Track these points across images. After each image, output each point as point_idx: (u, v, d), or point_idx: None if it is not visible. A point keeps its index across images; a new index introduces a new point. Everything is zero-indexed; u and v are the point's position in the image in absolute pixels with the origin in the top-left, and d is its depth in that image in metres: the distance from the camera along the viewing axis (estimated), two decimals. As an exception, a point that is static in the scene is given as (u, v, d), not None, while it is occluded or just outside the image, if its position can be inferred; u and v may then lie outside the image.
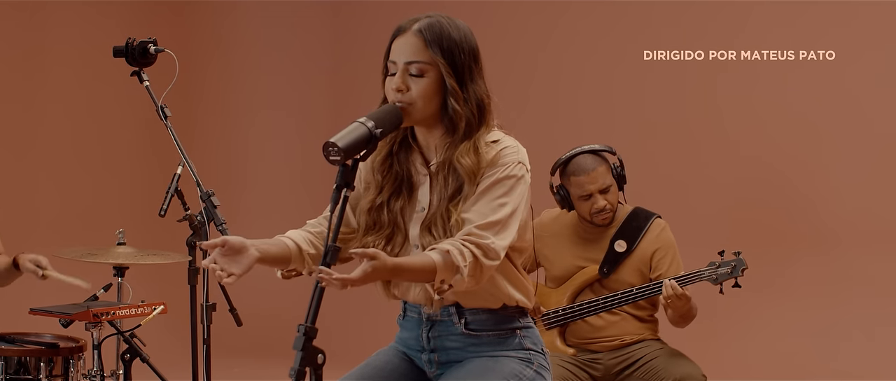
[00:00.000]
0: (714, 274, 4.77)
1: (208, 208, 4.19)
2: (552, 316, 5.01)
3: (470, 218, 3.03)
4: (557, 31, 7.55)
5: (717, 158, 7.05)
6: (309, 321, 2.82)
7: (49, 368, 4.39)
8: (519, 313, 3.25)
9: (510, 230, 3.05)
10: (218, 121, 8.54)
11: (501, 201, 3.05)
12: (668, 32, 7.16)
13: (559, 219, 5.11)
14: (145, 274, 5.36)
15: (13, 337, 4.52)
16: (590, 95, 7.44)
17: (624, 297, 4.88)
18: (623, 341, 4.96)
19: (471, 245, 2.98)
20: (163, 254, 4.96)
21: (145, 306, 4.65)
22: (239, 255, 3.00)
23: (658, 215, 5.01)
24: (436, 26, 3.09)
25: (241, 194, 8.24)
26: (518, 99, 7.47)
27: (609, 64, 7.33)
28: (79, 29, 7.60)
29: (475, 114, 3.10)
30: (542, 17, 7.56)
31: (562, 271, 5.05)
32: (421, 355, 3.30)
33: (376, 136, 2.95)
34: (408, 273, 2.98)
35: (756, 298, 6.53)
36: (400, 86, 3.07)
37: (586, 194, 4.88)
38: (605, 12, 7.37)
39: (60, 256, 4.80)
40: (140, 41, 4.33)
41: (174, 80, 4.25)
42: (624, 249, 4.94)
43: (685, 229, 5.57)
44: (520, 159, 3.10)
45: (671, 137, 7.17)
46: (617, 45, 7.31)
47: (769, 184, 6.91)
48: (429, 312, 3.23)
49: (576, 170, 4.90)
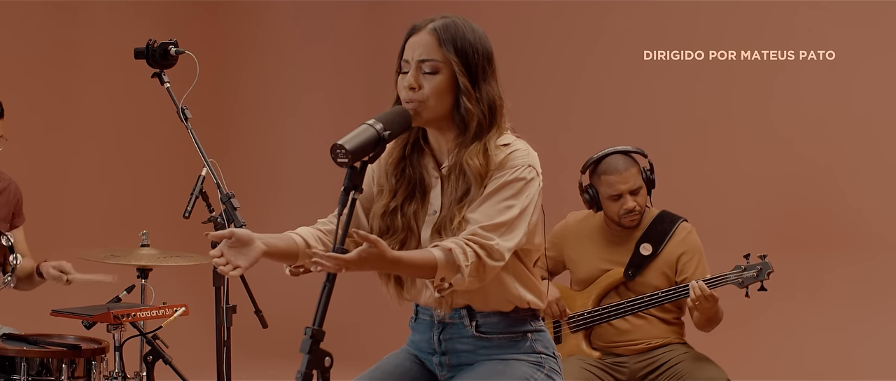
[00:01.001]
0: (740, 278, 4.73)
1: (228, 210, 4.19)
2: (577, 319, 4.99)
3: (475, 218, 3.02)
4: (583, 31, 7.50)
5: (748, 160, 6.98)
6: (316, 323, 2.80)
7: (71, 369, 4.39)
8: (530, 316, 3.23)
9: (517, 232, 3.03)
10: (253, 120, 8.55)
11: (508, 202, 3.03)
12: (694, 33, 7.09)
13: (585, 221, 5.08)
14: (169, 276, 5.37)
15: (35, 338, 4.53)
16: (616, 96, 7.39)
17: (649, 300, 4.85)
18: (649, 344, 4.93)
19: (474, 245, 2.96)
20: (186, 256, 4.97)
21: (166, 308, 4.65)
22: (245, 247, 2.99)
23: (684, 219, 4.98)
24: (450, 26, 3.09)
25: (276, 193, 8.25)
26: (544, 100, 7.44)
27: (636, 66, 7.27)
28: (114, 29, 7.60)
29: (486, 115, 3.09)
30: (571, 17, 7.52)
31: (587, 274, 5.03)
32: (432, 357, 3.29)
33: (385, 138, 2.93)
34: (407, 267, 2.95)
35: (786, 301, 6.48)
36: (412, 83, 3.06)
37: (617, 193, 4.85)
38: (634, 13, 7.31)
39: (84, 257, 4.82)
40: (160, 43, 4.33)
41: (195, 81, 4.24)
42: (649, 252, 4.91)
43: (714, 233, 5.53)
44: (529, 162, 3.08)
45: (699, 138, 7.10)
46: (644, 46, 7.26)
47: (802, 187, 6.84)
48: (440, 315, 3.21)
49: (607, 169, 4.88)
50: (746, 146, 6.97)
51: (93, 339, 4.59)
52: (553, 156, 4.94)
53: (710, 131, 7.05)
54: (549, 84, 7.57)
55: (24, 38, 7.25)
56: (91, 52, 7.61)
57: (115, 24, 7.64)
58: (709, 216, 6.45)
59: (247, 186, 8.22)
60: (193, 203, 4.69)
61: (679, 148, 7.04)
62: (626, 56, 7.26)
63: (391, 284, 3.21)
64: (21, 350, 4.38)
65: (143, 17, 7.80)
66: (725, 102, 7.00)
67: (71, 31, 7.55)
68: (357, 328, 6.80)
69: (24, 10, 7.27)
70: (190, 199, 4.67)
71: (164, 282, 5.32)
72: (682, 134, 7.09)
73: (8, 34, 7.17)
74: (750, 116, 6.96)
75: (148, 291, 4.93)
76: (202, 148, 4.23)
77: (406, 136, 3.19)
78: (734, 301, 4.95)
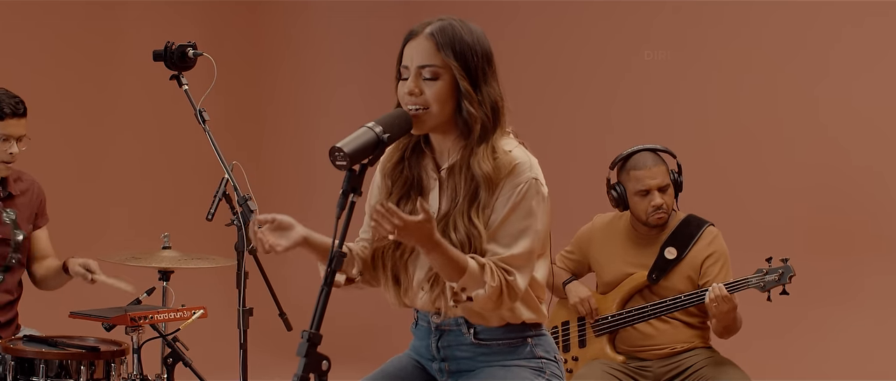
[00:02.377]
0: (761, 281, 4.68)
1: (245, 213, 4.18)
2: (601, 322, 4.97)
3: (493, 249, 3.02)
4: (608, 32, 7.45)
5: (778, 164, 6.89)
6: (313, 327, 2.79)
7: (90, 371, 4.39)
8: (530, 325, 3.21)
9: (530, 268, 3.05)
10: (291, 118, 8.55)
11: (521, 225, 3.02)
12: (721, 35, 7.02)
13: (612, 223, 5.06)
14: (191, 278, 5.36)
15: (55, 340, 4.54)
16: (643, 98, 7.33)
17: (672, 303, 4.81)
18: (673, 349, 4.90)
19: (502, 275, 2.98)
20: (208, 258, 4.96)
21: (185, 311, 4.64)
22: (287, 231, 3.06)
23: (711, 224, 4.93)
24: (447, 29, 3.06)
25: (313, 195, 8.24)
26: (571, 102, 7.40)
27: (664, 67, 7.21)
28: (156, 29, 7.59)
29: (490, 117, 3.06)
30: (594, 17, 7.47)
31: (611, 277, 5.01)
32: (432, 363, 3.28)
33: (384, 141, 2.92)
34: (443, 257, 2.93)
35: (819, 307, 6.40)
36: (412, 89, 3.04)
37: (645, 189, 4.82)
38: (661, 14, 7.25)
39: (105, 259, 4.83)
40: (178, 45, 4.33)
41: (213, 84, 4.23)
42: (674, 256, 4.87)
43: (743, 237, 5.48)
44: (533, 175, 3.05)
45: (728, 141, 7.02)
46: (671, 48, 7.20)
47: (833, 190, 6.75)
48: (437, 321, 3.19)
49: (636, 164, 4.85)
50: (780, 150, 6.89)
51: (113, 341, 4.59)
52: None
53: (746, 135, 6.97)
54: (576, 87, 7.53)
55: (64, 39, 7.26)
56: (128, 54, 7.62)
57: (156, 24, 7.63)
58: (740, 220, 6.39)
59: (285, 184, 8.24)
60: (216, 206, 4.68)
61: (713, 151, 6.97)
62: (656, 57, 7.20)
63: (390, 286, 3.18)
64: (39, 352, 4.38)
65: (183, 16, 7.80)
66: (766, 105, 6.92)
67: (111, 32, 7.56)
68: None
69: (66, 11, 7.27)
70: (213, 201, 4.66)
71: (185, 284, 5.31)
72: (718, 137, 7.02)
73: (49, 34, 7.17)
74: (788, 119, 6.88)
75: (169, 293, 4.93)
76: (220, 151, 4.22)
77: (407, 139, 3.17)
78: (765, 307, 4.88)
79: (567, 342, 5.10)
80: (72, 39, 7.34)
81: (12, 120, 4.58)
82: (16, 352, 4.38)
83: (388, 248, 3.15)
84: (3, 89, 4.65)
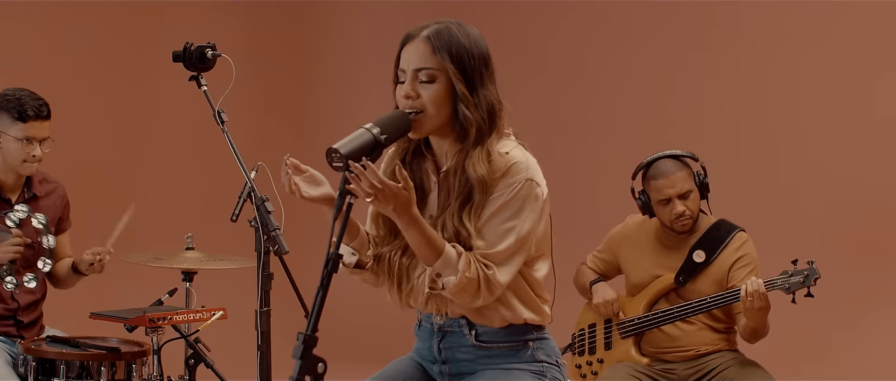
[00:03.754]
0: (786, 283, 4.62)
1: (261, 214, 4.16)
2: (627, 324, 4.94)
3: (477, 245, 3.00)
4: (635, 34, 7.38)
5: (805, 165, 6.78)
6: (309, 329, 2.77)
7: (111, 372, 4.41)
8: (532, 327, 3.18)
9: (514, 263, 3.03)
10: (330, 118, 8.54)
11: (508, 225, 3.00)
12: (748, 36, 6.94)
13: (642, 226, 5.03)
14: (215, 279, 5.36)
15: (77, 341, 4.56)
16: (674, 100, 7.25)
17: (697, 306, 4.77)
18: (698, 351, 4.87)
19: (480, 268, 2.97)
20: (231, 259, 4.96)
21: (205, 312, 4.64)
22: (318, 185, 3.11)
23: (742, 229, 4.90)
24: (444, 32, 3.05)
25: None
26: (604, 102, 7.34)
27: (691, 68, 7.13)
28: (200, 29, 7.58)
29: (486, 120, 3.04)
30: (625, 19, 7.41)
31: (639, 279, 4.99)
32: (433, 366, 3.26)
33: (381, 142, 2.90)
34: (419, 234, 2.94)
35: (846, 308, 6.32)
36: (409, 92, 3.03)
37: (665, 198, 4.80)
38: (691, 15, 7.18)
39: (127, 260, 4.83)
40: (197, 46, 4.32)
41: (231, 85, 4.21)
42: (702, 259, 4.84)
43: (773, 239, 5.41)
44: (529, 176, 3.03)
45: (756, 143, 6.93)
46: (697, 50, 7.13)
47: (862, 192, 6.64)
48: (439, 322, 3.17)
49: (656, 174, 4.83)
50: (807, 152, 6.79)
51: (135, 342, 4.60)
52: (612, 159, 4.88)
53: (773, 136, 6.88)
54: (603, 86, 7.46)
55: (103, 39, 7.24)
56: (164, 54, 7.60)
57: (195, 24, 7.63)
58: (769, 223, 6.30)
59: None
60: (241, 206, 4.67)
61: (741, 154, 6.88)
62: (685, 58, 7.14)
63: (394, 288, 3.17)
64: (60, 353, 4.41)
65: (227, 14, 7.79)
66: (794, 106, 6.82)
67: (149, 32, 7.55)
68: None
69: (109, 12, 7.27)
70: (238, 202, 4.66)
71: (210, 285, 5.31)
72: (746, 139, 6.93)
73: (88, 34, 7.16)
74: (820, 121, 6.78)
75: (191, 294, 4.93)
76: (238, 152, 4.21)
77: (407, 142, 3.15)
78: (793, 308, 4.81)
79: (593, 344, 5.08)
80: (111, 40, 7.33)
81: (35, 122, 4.60)
82: (37, 353, 4.41)
83: (394, 252, 3.14)
84: (27, 91, 4.66)
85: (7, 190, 4.70)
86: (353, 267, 3.17)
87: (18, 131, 4.58)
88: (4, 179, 4.69)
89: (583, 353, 5.13)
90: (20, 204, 4.63)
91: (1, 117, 4.62)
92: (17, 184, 4.72)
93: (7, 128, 4.59)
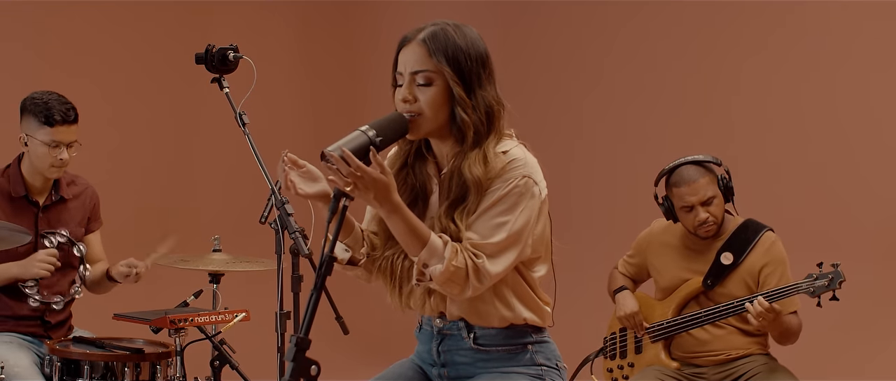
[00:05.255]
0: (811, 287, 4.57)
1: (282, 216, 4.16)
2: (657, 328, 4.90)
3: (468, 236, 2.97)
4: (667, 34, 7.31)
5: (839, 166, 6.67)
6: (302, 332, 2.76)
7: (135, 373, 4.43)
8: (531, 329, 3.14)
9: (506, 257, 2.98)
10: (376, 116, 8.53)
11: (501, 219, 2.97)
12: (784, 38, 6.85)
13: (669, 229, 5.00)
14: (242, 281, 5.37)
15: (103, 342, 4.59)
16: (703, 99, 7.18)
17: (725, 309, 4.73)
18: (728, 355, 4.83)
19: (468, 256, 2.93)
20: (257, 261, 4.96)
21: (227, 313, 4.65)
22: (314, 181, 3.06)
23: (770, 229, 4.84)
24: (440, 34, 3.03)
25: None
26: (643, 105, 7.28)
27: (721, 70, 7.05)
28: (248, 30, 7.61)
29: (483, 122, 3.03)
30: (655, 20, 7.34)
31: (668, 283, 4.96)
32: (433, 369, 3.25)
33: (376, 144, 2.88)
34: (405, 222, 2.91)
35: (883, 311, 6.21)
36: (406, 96, 3.02)
37: (688, 205, 4.76)
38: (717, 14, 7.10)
39: (155, 262, 4.85)
40: (219, 48, 4.33)
41: (252, 87, 4.22)
42: (730, 261, 4.79)
43: (803, 241, 5.34)
44: (526, 173, 3.00)
45: (788, 141, 6.83)
46: (727, 51, 7.04)
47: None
48: (438, 325, 3.15)
49: (678, 181, 4.80)
50: (841, 152, 6.68)
51: (160, 343, 4.63)
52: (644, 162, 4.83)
53: (811, 134, 6.78)
54: (633, 89, 7.40)
55: (151, 40, 7.25)
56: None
57: (251, 24, 7.65)
58: (800, 224, 6.21)
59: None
60: (270, 209, 4.68)
61: (777, 152, 6.79)
62: (721, 61, 7.06)
63: (394, 291, 3.15)
64: (85, 353, 4.45)
65: (279, 14, 7.80)
66: (825, 104, 6.72)
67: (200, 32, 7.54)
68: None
69: (161, 12, 7.29)
70: (266, 204, 4.67)
71: (236, 287, 5.32)
72: (781, 137, 6.84)
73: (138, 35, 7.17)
74: (851, 119, 6.67)
75: (218, 296, 4.94)
76: (259, 153, 4.22)
77: (409, 144, 3.14)
78: (829, 312, 4.75)
79: (624, 348, 5.05)
80: (160, 40, 7.33)
81: (62, 127, 4.63)
82: (62, 353, 4.44)
83: (397, 256, 3.12)
84: (55, 95, 4.69)
85: (35, 193, 4.75)
86: (346, 263, 3.15)
87: (45, 135, 4.62)
88: (32, 181, 4.73)
89: (614, 357, 5.10)
90: (62, 230, 4.71)
91: (28, 121, 4.65)
92: (44, 186, 4.76)
93: (34, 132, 4.63)
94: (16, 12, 6.59)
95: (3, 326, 4.71)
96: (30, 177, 4.73)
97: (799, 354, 4.96)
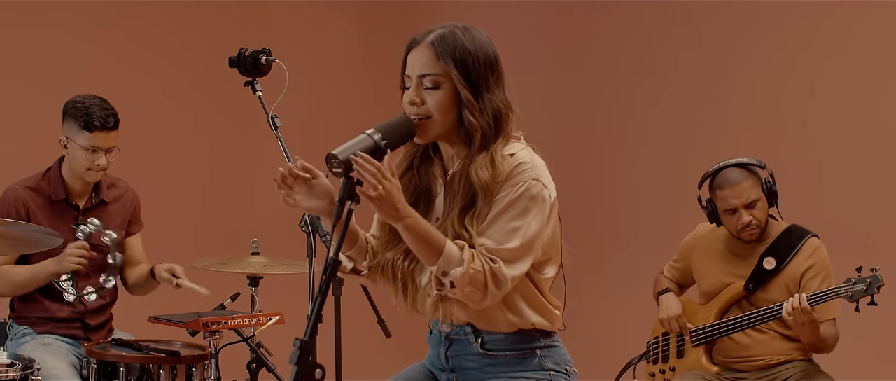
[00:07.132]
0: (849, 291, 4.51)
1: (313, 219, 4.17)
2: (698, 333, 4.87)
3: (483, 242, 2.95)
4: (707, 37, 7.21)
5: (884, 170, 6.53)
6: (306, 335, 2.76)
7: (171, 375, 4.45)
8: (539, 333, 3.11)
9: (523, 262, 2.96)
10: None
11: (515, 224, 2.95)
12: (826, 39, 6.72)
13: (713, 233, 4.97)
14: (280, 284, 5.37)
15: (140, 344, 4.62)
16: (747, 102, 7.06)
17: (766, 313, 4.69)
18: (770, 361, 4.80)
19: (487, 262, 2.91)
20: (297, 264, 4.96)
21: (261, 316, 4.65)
22: (316, 197, 3.00)
23: (814, 234, 4.78)
24: (448, 37, 3.02)
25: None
26: (689, 107, 7.19)
27: (763, 72, 6.94)
28: (305, 29, 7.59)
29: (491, 125, 3.01)
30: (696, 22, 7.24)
31: (710, 287, 4.93)
32: (442, 374, 3.23)
33: (382, 148, 2.88)
34: (416, 230, 2.89)
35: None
36: (414, 99, 3.01)
37: (731, 208, 4.73)
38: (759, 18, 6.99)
39: (192, 264, 4.88)
40: (252, 51, 4.36)
41: (285, 90, 4.24)
42: (772, 266, 4.76)
43: (846, 245, 5.26)
44: (535, 176, 2.98)
45: (832, 146, 6.70)
46: (767, 54, 6.93)
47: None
48: (446, 330, 3.14)
49: (721, 183, 4.77)
50: (885, 156, 6.53)
51: (197, 345, 4.65)
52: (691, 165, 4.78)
53: (855, 139, 6.64)
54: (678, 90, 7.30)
55: (209, 39, 7.22)
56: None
57: (314, 22, 7.63)
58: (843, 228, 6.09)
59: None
60: (306, 212, 4.70)
61: (821, 157, 6.67)
62: (767, 61, 6.95)
63: (399, 293, 3.13)
64: (121, 356, 4.47)
65: (338, 12, 7.78)
66: (869, 108, 6.58)
67: (256, 33, 7.52)
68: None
69: (215, 11, 7.26)
70: (308, 207, 4.67)
71: (275, 290, 5.33)
72: (826, 143, 6.71)
73: (193, 34, 7.15)
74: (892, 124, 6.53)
75: (255, 299, 4.95)
76: (291, 156, 4.22)
77: (415, 146, 3.13)
78: (872, 317, 4.67)
79: (666, 352, 5.02)
80: (217, 40, 7.29)
81: (101, 132, 4.65)
82: (99, 355, 4.48)
83: (398, 257, 3.10)
84: (97, 100, 4.71)
85: (75, 196, 4.78)
86: (349, 271, 3.14)
87: (84, 140, 4.65)
88: (72, 185, 4.77)
89: (657, 361, 5.06)
90: (93, 218, 4.72)
91: (69, 124, 4.69)
92: (84, 190, 4.80)
93: (74, 136, 4.66)
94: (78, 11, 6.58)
95: (42, 327, 4.76)
96: (70, 180, 4.76)
97: (840, 360, 4.87)
